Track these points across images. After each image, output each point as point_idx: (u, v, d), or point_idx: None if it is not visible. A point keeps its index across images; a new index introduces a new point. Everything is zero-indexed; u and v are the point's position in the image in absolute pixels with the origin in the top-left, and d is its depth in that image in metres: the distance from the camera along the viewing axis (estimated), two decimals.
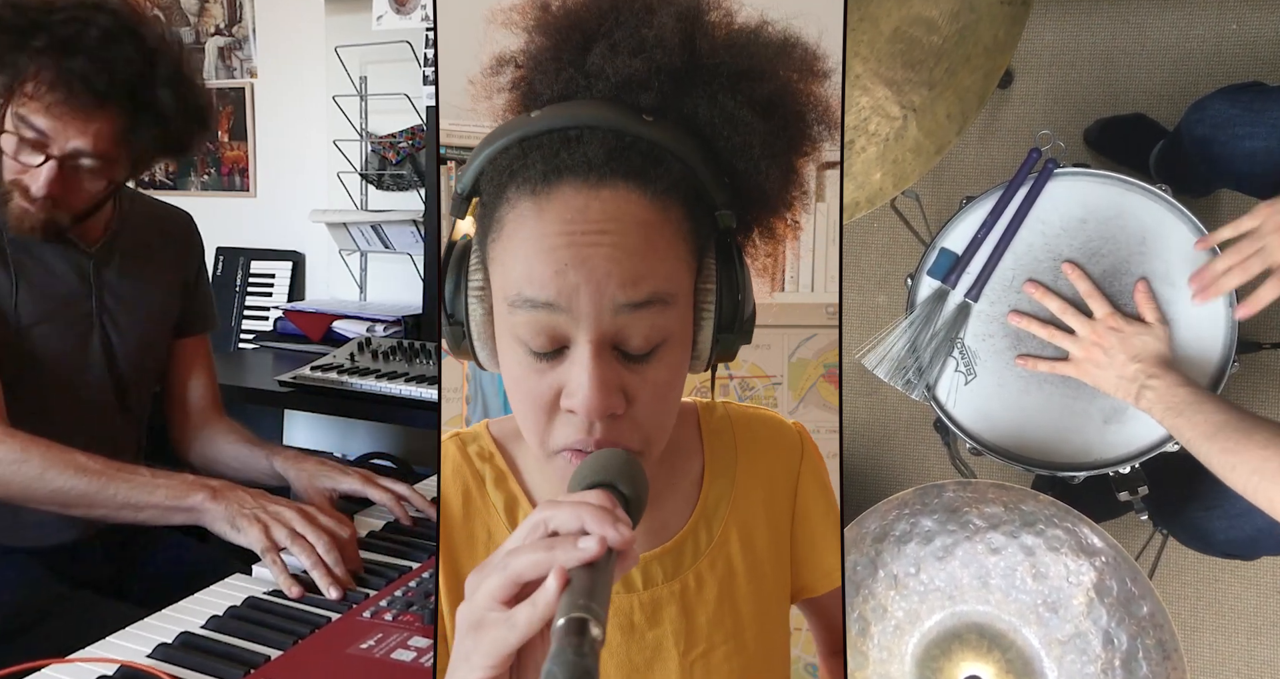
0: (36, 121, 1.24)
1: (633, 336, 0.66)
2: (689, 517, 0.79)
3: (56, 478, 1.19)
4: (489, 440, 0.79)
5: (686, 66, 0.69)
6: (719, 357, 0.73)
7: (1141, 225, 1.26)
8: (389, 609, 1.06)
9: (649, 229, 0.66)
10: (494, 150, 0.68)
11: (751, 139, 0.69)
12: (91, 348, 1.39)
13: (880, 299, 2.05)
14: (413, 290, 2.54)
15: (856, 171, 1.26)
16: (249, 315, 2.74)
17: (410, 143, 2.54)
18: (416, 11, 2.38)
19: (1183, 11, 1.95)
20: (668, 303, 0.67)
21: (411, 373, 2.08)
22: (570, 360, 0.66)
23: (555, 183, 0.65)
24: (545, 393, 0.68)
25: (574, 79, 0.69)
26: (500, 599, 0.55)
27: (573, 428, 0.67)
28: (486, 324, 0.70)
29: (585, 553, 0.54)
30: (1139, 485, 1.30)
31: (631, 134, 0.66)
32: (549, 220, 0.65)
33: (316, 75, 2.62)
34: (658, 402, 0.69)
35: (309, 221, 2.60)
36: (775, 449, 0.83)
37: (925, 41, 1.23)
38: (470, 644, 0.55)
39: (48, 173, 1.26)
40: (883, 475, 2.08)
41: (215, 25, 2.80)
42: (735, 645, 0.79)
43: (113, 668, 0.92)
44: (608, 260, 0.65)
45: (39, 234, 1.31)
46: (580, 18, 0.70)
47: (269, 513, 1.18)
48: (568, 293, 0.65)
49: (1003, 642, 1.13)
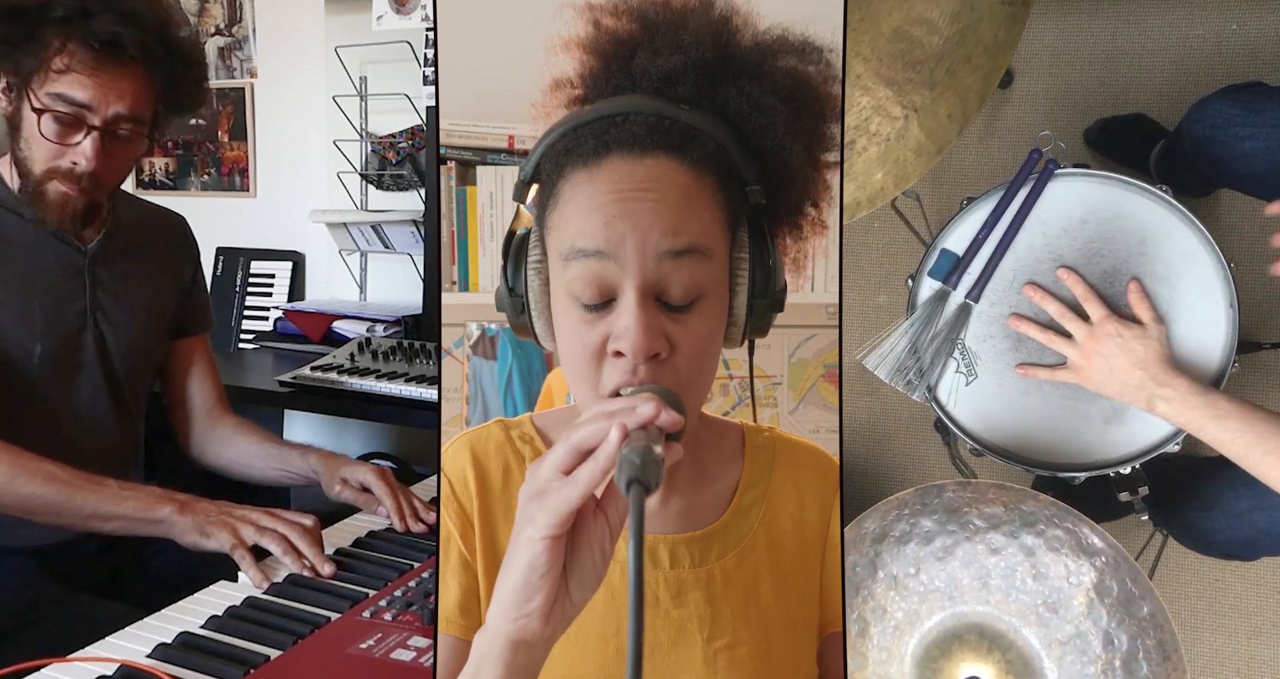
0: (75, 94, 1.26)
1: (674, 286, 0.73)
2: (722, 514, 0.83)
3: (24, 486, 1.21)
4: (530, 427, 0.84)
5: (718, 62, 0.77)
6: (753, 329, 0.79)
7: (1142, 226, 1.26)
8: (389, 609, 1.06)
9: (688, 189, 0.74)
10: (553, 138, 0.76)
11: (775, 120, 0.77)
12: (85, 346, 1.39)
13: (881, 299, 2.05)
14: (413, 290, 2.53)
15: (857, 171, 1.26)
16: (249, 315, 2.74)
17: (410, 143, 2.54)
18: (416, 11, 2.38)
19: (1183, 11, 1.95)
20: (705, 255, 0.74)
21: (411, 373, 2.08)
22: (618, 310, 0.73)
23: (604, 155, 0.74)
24: (595, 341, 0.73)
25: (621, 82, 0.78)
26: (562, 469, 0.62)
27: (619, 370, 0.73)
28: (543, 294, 0.77)
29: (642, 415, 0.63)
30: (1139, 486, 1.30)
31: (670, 117, 0.75)
32: (600, 184, 0.73)
33: (316, 75, 2.62)
34: (697, 350, 0.75)
35: (309, 221, 2.60)
36: (812, 474, 0.86)
37: (926, 41, 1.23)
38: (534, 508, 0.62)
39: (93, 144, 1.28)
40: (883, 475, 2.08)
41: (215, 25, 2.80)
42: (761, 647, 0.81)
43: (113, 668, 0.92)
44: (650, 213, 0.72)
45: (78, 222, 1.33)
46: (626, 35, 0.78)
47: (235, 517, 1.22)
48: (615, 241, 0.72)
49: (1003, 642, 1.13)
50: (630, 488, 0.58)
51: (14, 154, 1.32)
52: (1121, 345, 1.20)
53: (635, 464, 0.59)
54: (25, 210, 1.34)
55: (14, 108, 1.30)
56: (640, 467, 0.58)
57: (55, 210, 1.31)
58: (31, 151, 1.30)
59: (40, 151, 1.29)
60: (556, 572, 0.62)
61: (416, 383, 2.02)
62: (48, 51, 1.25)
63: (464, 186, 1.05)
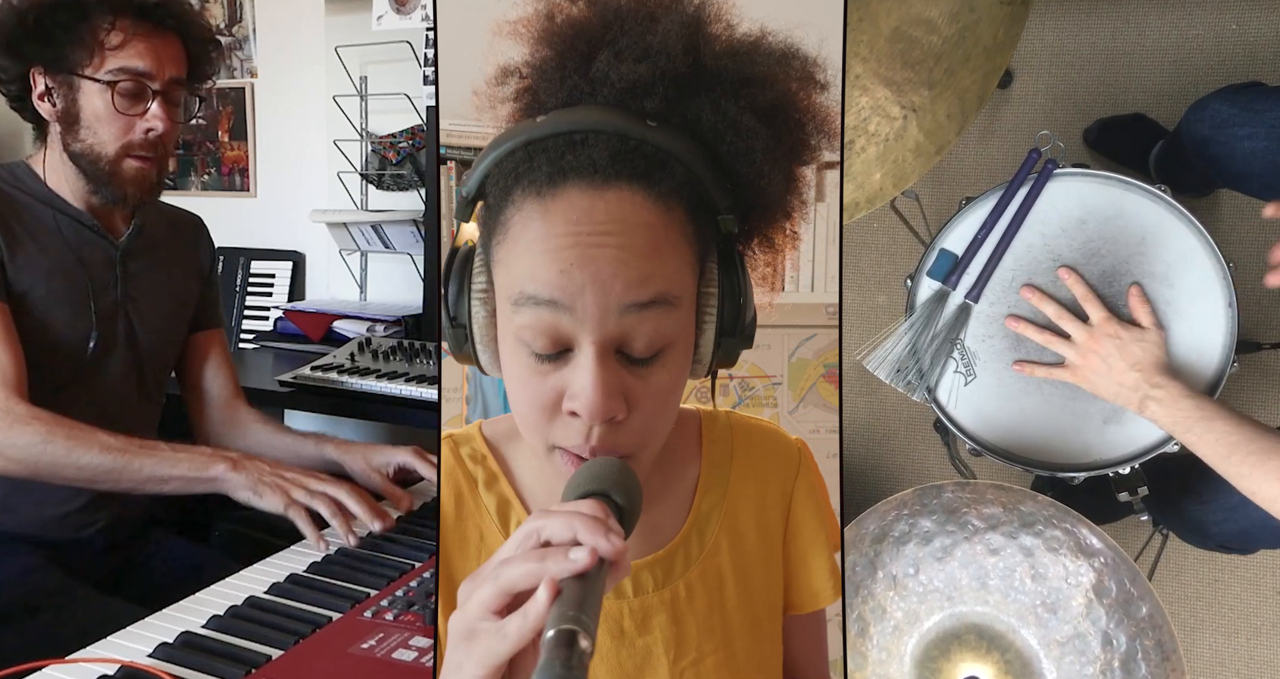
0: (136, 65, 1.35)
1: (636, 339, 0.66)
2: (682, 524, 0.80)
3: (83, 456, 1.26)
4: (481, 442, 0.80)
5: (690, 72, 0.69)
6: (720, 362, 0.73)
7: (1141, 225, 1.26)
8: (390, 609, 1.06)
9: (653, 230, 0.66)
10: (499, 154, 0.69)
11: (754, 143, 0.70)
12: (117, 335, 1.45)
13: (880, 299, 2.05)
14: (413, 290, 2.53)
15: (856, 172, 1.26)
16: (249, 315, 2.74)
17: (410, 143, 2.54)
18: (416, 11, 2.38)
19: (1183, 11, 1.95)
20: (672, 304, 0.67)
21: (411, 373, 2.08)
22: (574, 363, 0.67)
23: (560, 184, 0.66)
24: (548, 395, 0.68)
25: (579, 86, 0.70)
26: (492, 609, 0.56)
27: (572, 430, 0.68)
28: (489, 326, 0.71)
29: (576, 564, 0.55)
30: (1139, 486, 1.30)
31: (635, 138, 0.67)
32: (554, 221, 0.66)
33: (316, 75, 2.62)
34: (658, 407, 0.70)
35: (309, 221, 2.60)
36: (771, 462, 0.83)
37: (925, 42, 1.23)
38: (462, 653, 0.56)
39: (159, 107, 1.37)
40: (882, 475, 2.08)
41: (215, 25, 2.80)
42: (726, 655, 0.79)
43: (114, 668, 0.92)
44: (613, 261, 0.65)
45: (149, 193, 1.42)
46: (584, 27, 0.70)
47: (287, 479, 1.27)
48: (572, 292, 0.65)
49: (1002, 642, 1.13)
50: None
51: (72, 147, 1.38)
52: (1119, 347, 1.20)
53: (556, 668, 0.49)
54: (66, 203, 1.41)
55: (66, 102, 1.37)
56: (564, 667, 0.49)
57: (134, 185, 1.39)
58: (99, 134, 1.37)
59: (109, 131, 1.36)
60: None
61: (416, 383, 2.02)
62: (98, 33, 1.33)
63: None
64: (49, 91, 1.37)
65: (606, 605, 0.75)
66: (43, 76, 1.36)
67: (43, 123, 1.41)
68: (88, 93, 1.35)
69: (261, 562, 1.19)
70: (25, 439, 1.25)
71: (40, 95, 1.37)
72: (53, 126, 1.39)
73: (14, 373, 1.29)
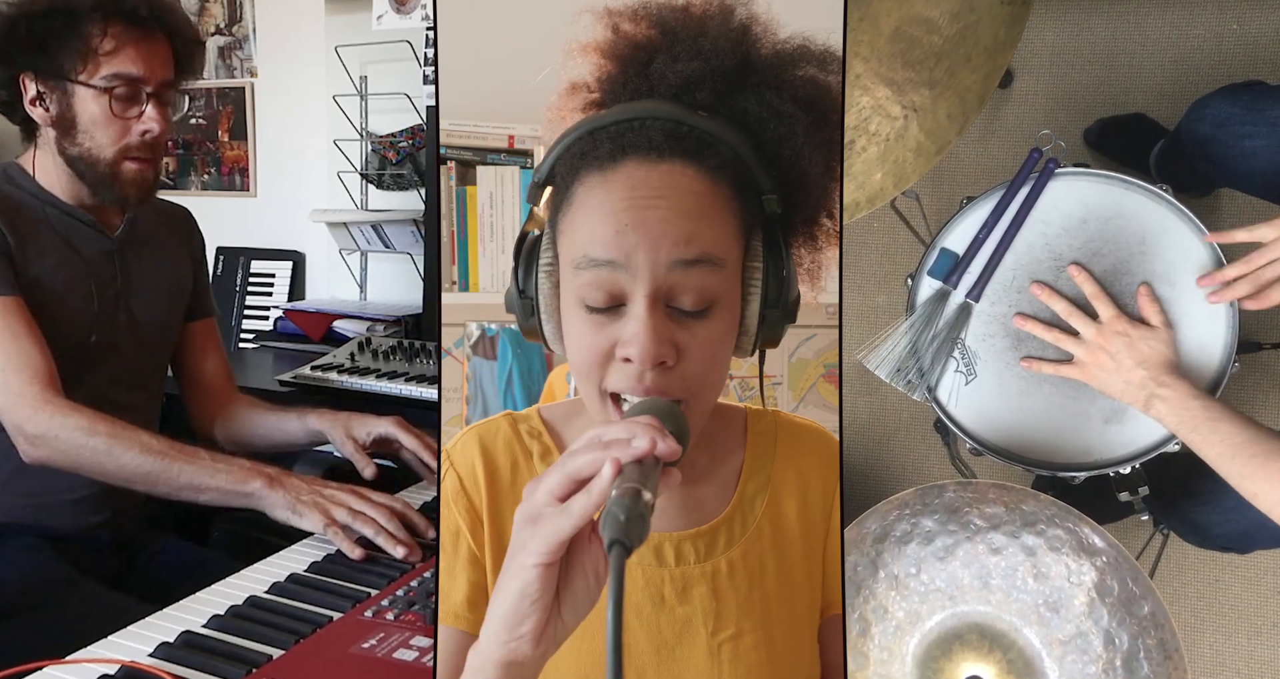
0: (129, 70, 1.36)
1: (684, 293, 0.73)
2: (726, 506, 0.83)
3: (123, 455, 1.26)
4: (538, 421, 0.84)
5: (738, 69, 0.77)
6: (764, 339, 0.78)
7: (1142, 225, 1.26)
8: (391, 609, 1.06)
9: (701, 198, 0.73)
10: (569, 140, 0.76)
11: (795, 128, 0.76)
12: (118, 326, 1.46)
13: (880, 299, 2.05)
14: (413, 290, 2.53)
15: (857, 172, 1.26)
16: (249, 315, 2.74)
17: (410, 142, 2.54)
18: (416, 11, 2.38)
19: (1183, 11, 1.95)
20: (717, 264, 0.74)
21: (411, 373, 2.08)
22: (627, 314, 0.73)
23: (620, 160, 0.73)
24: (603, 344, 0.74)
25: (639, 87, 0.77)
26: (557, 495, 0.62)
27: (625, 374, 0.73)
28: (553, 297, 0.77)
29: (637, 449, 0.61)
30: (1139, 485, 1.30)
31: (688, 123, 0.74)
32: (613, 189, 0.73)
33: (316, 75, 2.62)
34: (705, 357, 0.75)
35: (309, 221, 2.59)
36: (815, 459, 0.86)
37: (926, 41, 1.23)
38: (528, 534, 0.62)
39: (154, 110, 1.38)
40: (883, 475, 2.08)
41: (215, 25, 2.80)
42: (763, 636, 0.81)
43: (114, 668, 0.92)
44: (663, 221, 0.72)
45: (147, 194, 1.43)
46: (644, 41, 0.78)
47: (325, 496, 1.25)
48: (627, 250, 0.72)
49: (1004, 642, 1.13)
50: (612, 548, 0.56)
51: (69, 151, 1.39)
52: (1128, 344, 1.20)
53: (619, 522, 0.57)
54: (60, 201, 1.42)
55: (60, 108, 1.37)
56: (624, 525, 0.57)
57: (134, 187, 1.41)
58: (96, 139, 1.38)
59: (107, 135, 1.37)
60: (549, 597, 0.62)
61: (416, 382, 2.02)
62: (91, 40, 1.34)
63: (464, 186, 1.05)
64: (40, 96, 1.37)
65: (648, 573, 0.80)
66: (33, 82, 1.37)
67: (31, 125, 1.41)
68: (82, 98, 1.36)
69: (262, 561, 1.19)
70: (67, 431, 1.25)
71: (32, 100, 1.38)
72: (45, 130, 1.40)
73: (45, 367, 1.30)
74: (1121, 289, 1.25)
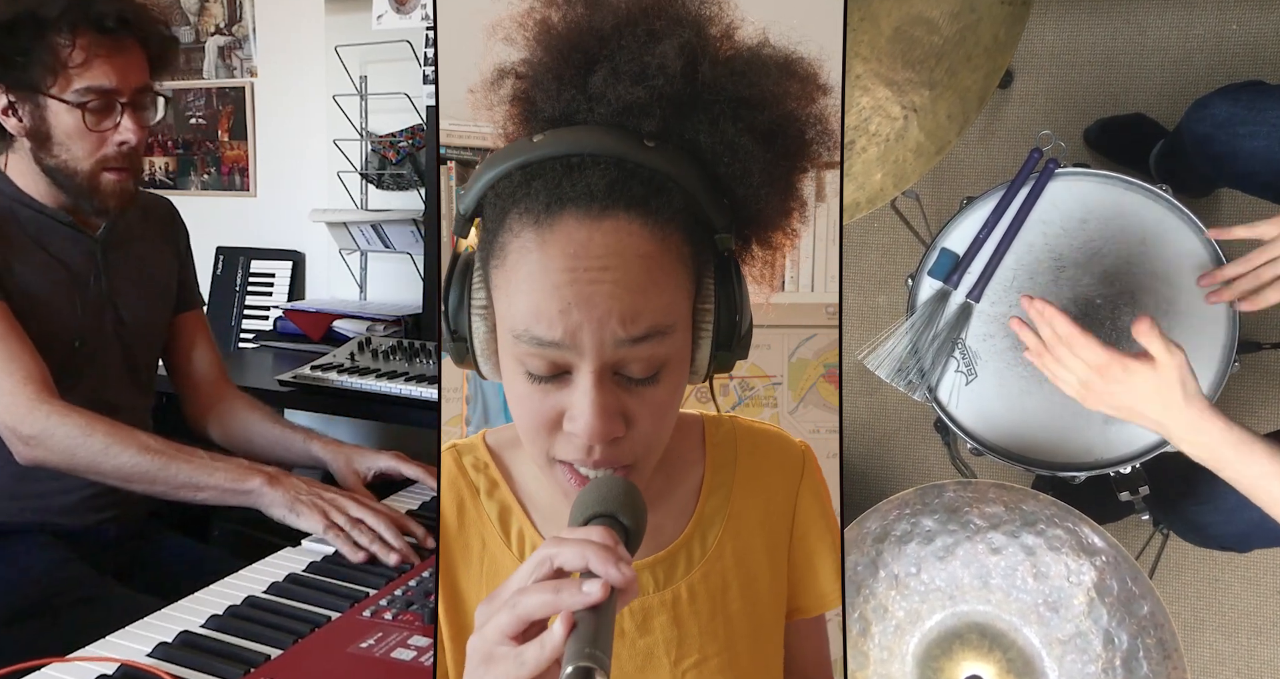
0: (102, 83, 1.33)
1: (632, 363, 0.68)
2: (684, 527, 0.80)
3: (121, 454, 1.25)
4: (484, 451, 0.81)
5: (688, 93, 0.69)
6: (716, 370, 0.75)
7: (1142, 225, 1.26)
8: (389, 608, 1.06)
9: (649, 261, 0.67)
10: (496, 175, 0.69)
11: (751, 165, 0.70)
12: (105, 326, 1.45)
13: (880, 299, 2.05)
14: (413, 290, 2.53)
15: (857, 172, 1.26)
16: (249, 315, 2.73)
17: (410, 142, 2.54)
18: (416, 11, 2.38)
19: (1183, 11, 1.95)
20: (666, 334, 0.69)
21: (411, 372, 2.07)
22: (573, 386, 0.68)
23: (558, 213, 0.66)
24: (548, 413, 0.70)
25: (575, 99, 0.70)
26: (509, 635, 0.58)
27: (573, 445, 0.70)
28: (490, 340, 0.72)
29: (590, 598, 0.57)
30: (1140, 485, 1.30)
31: (633, 161, 0.67)
32: (553, 254, 0.66)
33: (316, 75, 2.62)
34: (656, 421, 0.71)
35: (309, 221, 2.59)
36: (775, 466, 0.83)
37: (926, 41, 1.23)
38: (481, 674, 0.59)
39: (130, 120, 1.35)
40: (883, 475, 2.08)
41: (215, 25, 2.80)
42: (728, 658, 0.79)
43: (113, 667, 0.92)
44: (609, 297, 0.66)
45: (127, 202, 1.40)
46: (582, 39, 0.70)
47: (325, 499, 1.25)
48: (571, 329, 0.66)
49: (1004, 641, 1.13)
50: None
51: (46, 162, 1.37)
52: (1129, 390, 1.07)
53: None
54: (37, 203, 1.40)
55: (34, 120, 1.35)
56: None
57: (115, 198, 1.39)
58: (73, 151, 1.35)
59: (83, 147, 1.35)
60: None
61: (416, 382, 2.02)
62: (60, 52, 1.30)
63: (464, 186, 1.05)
64: (13, 106, 1.34)
65: None
66: (4, 93, 1.34)
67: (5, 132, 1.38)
68: (56, 112, 1.33)
69: (261, 561, 1.19)
70: (65, 431, 1.25)
71: (4, 110, 1.35)
72: (20, 140, 1.37)
73: (38, 370, 1.29)
74: (1121, 289, 1.25)
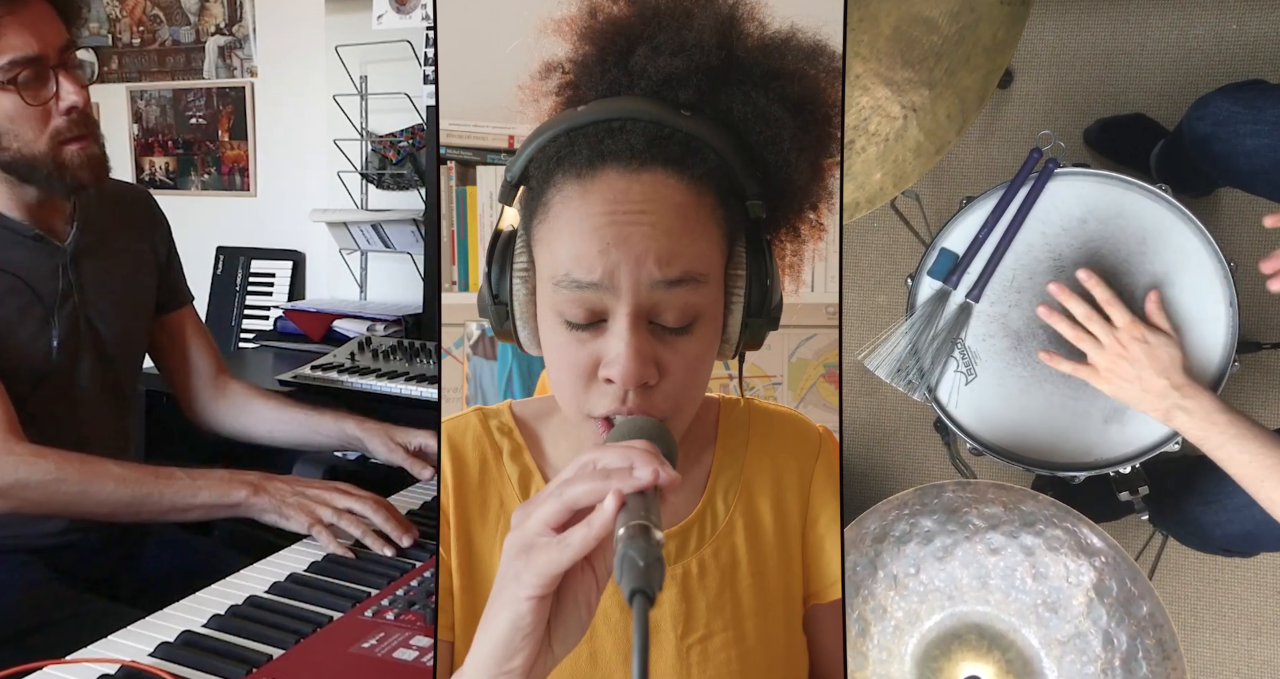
0: (25, 52, 1.24)
1: (667, 311, 0.71)
2: (696, 504, 0.81)
3: (99, 492, 1.22)
4: (509, 416, 0.83)
5: (723, 66, 0.74)
6: (747, 343, 0.77)
7: (1142, 225, 1.26)
8: (391, 608, 1.06)
9: (685, 210, 0.71)
10: (543, 140, 0.73)
11: (782, 132, 0.74)
12: (80, 340, 1.39)
13: (880, 299, 2.05)
14: (413, 290, 2.54)
15: (856, 171, 1.26)
16: (249, 315, 2.74)
17: (410, 142, 2.54)
18: (416, 11, 2.38)
19: (1183, 11, 1.95)
20: (700, 282, 0.71)
21: (411, 372, 2.08)
22: (609, 332, 0.71)
23: (599, 167, 0.70)
24: (584, 362, 0.72)
25: (618, 79, 0.74)
26: (551, 524, 0.59)
27: (608, 396, 0.71)
28: (529, 303, 0.75)
29: (640, 480, 0.58)
30: (1139, 485, 1.30)
31: (670, 126, 0.71)
32: (593, 201, 0.70)
33: (316, 75, 2.62)
34: (689, 374, 0.73)
35: (309, 221, 2.60)
36: (790, 446, 0.85)
37: (925, 41, 1.23)
38: (521, 565, 0.59)
39: (68, 81, 1.27)
40: (883, 475, 2.08)
41: (215, 25, 2.80)
42: (734, 635, 0.80)
43: (114, 667, 0.92)
44: (646, 238, 0.69)
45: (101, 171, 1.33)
46: (625, 25, 0.74)
47: (310, 497, 1.24)
48: (609, 270, 0.69)
49: (1002, 642, 1.13)
50: (634, 598, 0.53)
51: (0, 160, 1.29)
52: (1148, 352, 1.17)
53: (639, 568, 0.53)
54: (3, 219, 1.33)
55: None
56: (644, 572, 0.53)
57: (86, 169, 1.31)
58: (22, 136, 1.27)
59: (31, 128, 1.27)
60: (540, 631, 0.60)
61: (416, 382, 2.02)
62: None
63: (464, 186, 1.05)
64: None
65: None
66: None
67: None
68: None
69: (262, 561, 1.19)
70: (38, 478, 1.20)
71: None
72: None
73: (3, 413, 1.24)
74: (1121, 289, 1.25)
